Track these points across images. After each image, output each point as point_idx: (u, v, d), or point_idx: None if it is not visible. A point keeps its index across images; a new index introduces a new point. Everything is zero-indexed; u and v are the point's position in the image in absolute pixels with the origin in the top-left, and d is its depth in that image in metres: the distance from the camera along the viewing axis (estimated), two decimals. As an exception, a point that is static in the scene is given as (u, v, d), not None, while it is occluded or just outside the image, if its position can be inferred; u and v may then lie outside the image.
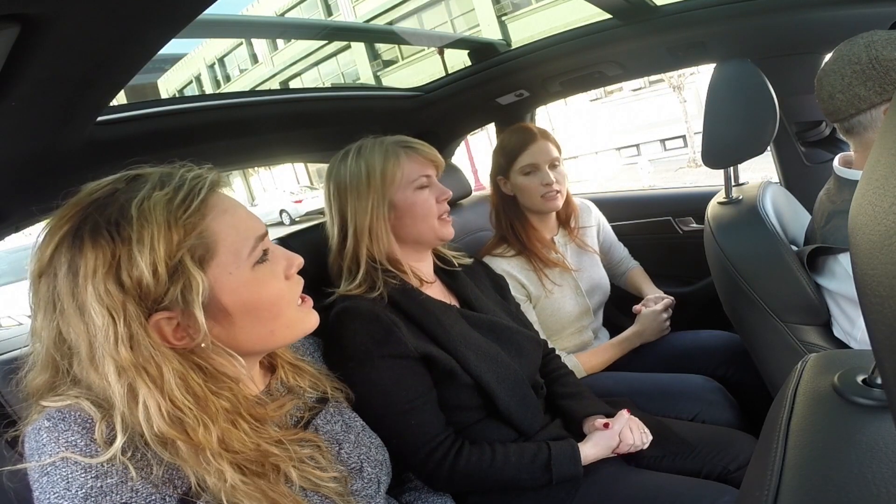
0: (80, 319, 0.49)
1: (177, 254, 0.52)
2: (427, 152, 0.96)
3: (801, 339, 0.96)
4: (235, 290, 0.56)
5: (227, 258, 0.55)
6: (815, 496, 0.31)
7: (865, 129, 0.87)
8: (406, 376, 0.82)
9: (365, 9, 15.24)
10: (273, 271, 0.60)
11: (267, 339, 0.60)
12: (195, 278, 0.52)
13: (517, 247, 1.31)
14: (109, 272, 0.49)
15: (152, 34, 0.58)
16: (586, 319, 1.36)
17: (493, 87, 1.63)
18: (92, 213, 0.51)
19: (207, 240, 0.54)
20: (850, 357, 0.43)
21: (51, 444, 0.47)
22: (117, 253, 0.50)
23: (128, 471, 0.48)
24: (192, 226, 0.53)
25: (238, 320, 0.56)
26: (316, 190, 16.75)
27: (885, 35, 0.83)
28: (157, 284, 0.51)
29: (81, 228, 0.50)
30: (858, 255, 0.24)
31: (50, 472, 0.47)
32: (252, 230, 0.58)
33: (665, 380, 1.17)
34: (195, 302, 0.52)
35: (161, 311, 0.52)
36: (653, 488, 0.83)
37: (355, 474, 0.66)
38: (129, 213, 0.51)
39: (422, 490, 0.84)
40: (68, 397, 0.50)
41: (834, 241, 0.89)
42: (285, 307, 0.61)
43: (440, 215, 0.96)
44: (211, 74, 20.82)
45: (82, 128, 0.77)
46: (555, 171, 1.29)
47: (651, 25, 1.29)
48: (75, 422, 0.49)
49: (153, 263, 0.50)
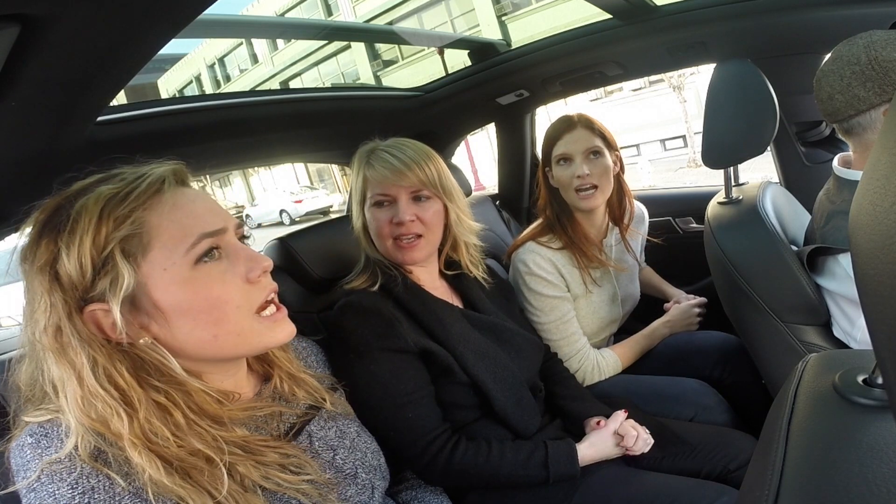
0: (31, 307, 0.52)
1: (106, 246, 0.51)
2: (390, 166, 0.88)
3: (801, 339, 0.96)
4: (168, 287, 0.53)
5: (161, 253, 0.53)
6: (815, 496, 0.31)
7: (864, 130, 0.87)
8: (404, 370, 0.83)
9: (365, 9, 15.23)
10: (223, 272, 0.56)
11: (210, 344, 0.56)
12: (121, 272, 0.51)
13: (564, 240, 1.22)
14: (47, 264, 0.51)
15: (152, 34, 0.58)
16: (611, 328, 1.34)
17: (493, 87, 1.63)
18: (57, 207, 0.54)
19: (142, 233, 0.53)
20: (850, 357, 0.43)
21: (34, 461, 0.48)
22: (57, 245, 0.51)
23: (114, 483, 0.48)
24: (123, 218, 0.52)
25: (173, 320, 0.54)
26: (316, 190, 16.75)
27: (885, 35, 0.83)
28: (83, 277, 0.51)
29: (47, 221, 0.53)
30: (859, 255, 0.24)
31: (37, 488, 0.47)
32: (198, 226, 0.55)
33: (661, 382, 1.17)
34: (116, 296, 0.51)
35: (95, 302, 0.52)
36: (652, 488, 0.84)
37: (349, 480, 0.66)
38: (71, 208, 0.52)
39: (419, 489, 0.85)
40: (48, 411, 0.51)
41: (833, 241, 0.89)
42: (232, 312, 0.55)
43: (393, 237, 0.90)
44: (211, 74, 20.81)
45: (82, 128, 0.77)
46: (592, 162, 1.17)
47: (651, 25, 1.29)
48: (57, 437, 0.49)
49: (79, 256, 0.51)
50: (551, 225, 1.25)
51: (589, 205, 1.19)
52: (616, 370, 1.22)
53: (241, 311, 0.56)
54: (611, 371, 1.21)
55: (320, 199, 14.98)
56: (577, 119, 1.21)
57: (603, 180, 1.18)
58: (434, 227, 0.92)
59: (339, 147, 1.65)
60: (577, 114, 1.24)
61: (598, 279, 1.25)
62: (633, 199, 1.30)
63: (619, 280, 1.31)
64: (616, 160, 1.22)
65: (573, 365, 1.18)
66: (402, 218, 0.88)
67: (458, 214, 0.96)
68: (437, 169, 0.91)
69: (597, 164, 1.17)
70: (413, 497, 0.83)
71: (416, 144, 0.94)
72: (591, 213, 1.24)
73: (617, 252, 1.32)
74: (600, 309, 1.27)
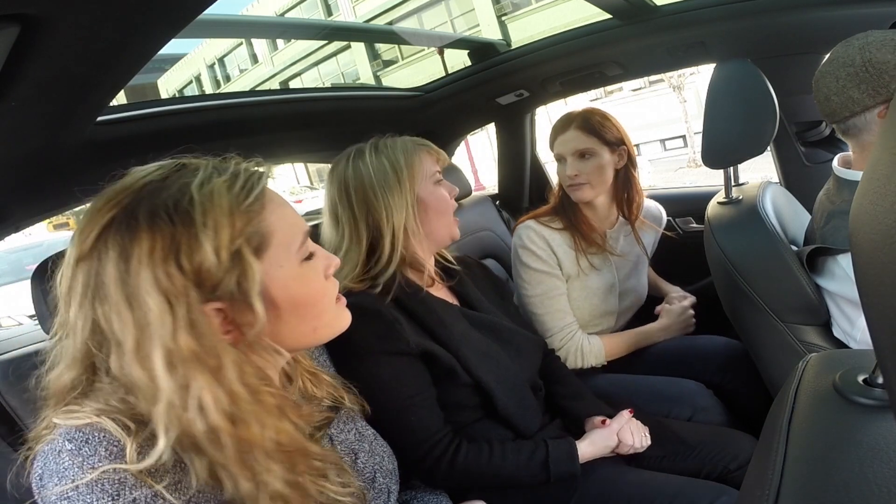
0: (128, 307, 0.45)
1: (236, 241, 0.49)
2: (435, 148, 0.96)
3: (801, 340, 0.96)
4: (285, 284, 0.54)
5: (278, 251, 0.54)
6: (815, 496, 0.31)
7: (861, 132, 0.87)
8: (406, 373, 0.83)
9: (365, 9, 15.23)
10: (316, 269, 0.59)
11: (309, 336, 0.59)
12: (251, 267, 0.50)
13: (565, 222, 1.27)
14: (169, 256, 0.46)
15: (152, 34, 0.58)
16: (607, 322, 1.32)
17: (493, 87, 1.63)
18: (146, 195, 0.48)
19: (263, 231, 0.53)
20: (850, 357, 0.43)
21: (74, 469, 0.43)
22: (178, 236, 0.47)
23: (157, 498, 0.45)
24: (254, 214, 0.52)
25: (285, 315, 0.55)
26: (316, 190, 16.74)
27: (881, 36, 0.82)
28: (218, 270, 0.48)
29: (136, 210, 0.47)
30: (859, 255, 0.24)
31: (72, 496, 0.43)
32: (301, 226, 0.58)
33: (660, 383, 1.17)
34: (252, 290, 0.50)
35: (215, 300, 0.49)
36: (652, 487, 0.84)
37: (368, 484, 0.65)
38: (192, 196, 0.49)
39: (418, 489, 0.85)
40: (86, 415, 0.46)
41: (833, 241, 0.89)
42: (327, 305, 0.60)
43: (453, 211, 0.95)
44: (211, 74, 20.81)
45: (82, 128, 0.77)
46: (582, 162, 1.21)
47: (651, 25, 1.29)
48: (100, 444, 0.44)
49: (216, 248, 0.48)
50: (556, 208, 1.29)
51: (577, 197, 1.24)
52: (599, 361, 1.22)
53: (332, 303, 0.61)
54: (593, 360, 1.21)
55: (320, 199, 14.93)
56: (574, 118, 1.23)
57: (594, 178, 1.21)
58: None
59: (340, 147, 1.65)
60: (578, 111, 1.25)
61: (596, 265, 1.27)
62: (641, 192, 1.31)
63: (621, 272, 1.31)
64: (622, 156, 1.24)
65: (555, 342, 1.19)
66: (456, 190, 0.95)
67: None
68: None
69: (587, 164, 1.21)
70: (412, 497, 0.83)
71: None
72: (594, 205, 1.27)
73: (624, 245, 1.32)
74: (594, 295, 1.27)
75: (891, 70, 0.80)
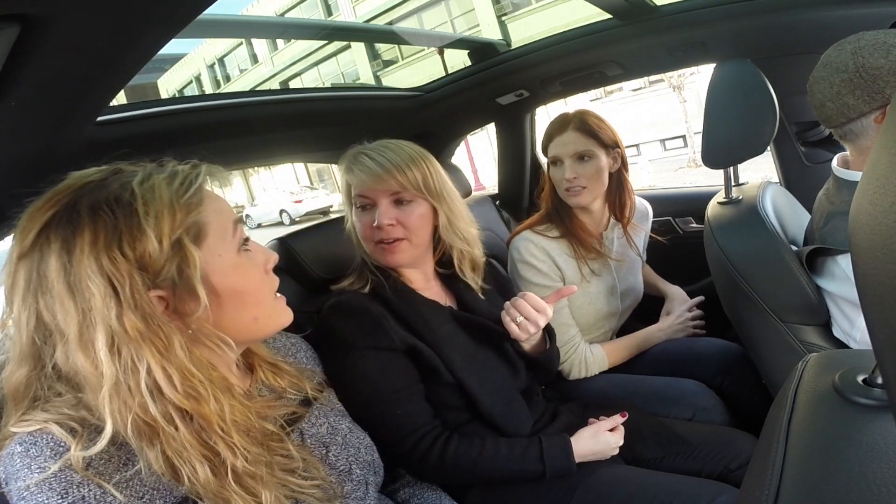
0: (71, 296, 0.48)
1: (177, 231, 0.52)
2: (369, 170, 0.87)
3: (801, 339, 0.96)
4: (224, 271, 0.57)
5: (216, 241, 0.57)
6: (815, 496, 0.31)
7: (858, 137, 0.87)
8: (392, 367, 0.84)
9: (365, 9, 15.23)
10: (254, 261, 0.61)
11: (251, 326, 0.61)
12: (192, 255, 0.52)
13: (561, 230, 1.24)
14: (112, 244, 0.49)
15: (152, 34, 0.58)
16: (610, 323, 1.33)
17: (493, 87, 1.63)
18: (86, 193, 0.51)
19: (200, 222, 0.55)
20: (850, 357, 0.43)
21: (24, 470, 0.46)
22: (120, 226, 0.49)
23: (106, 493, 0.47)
24: (193, 206, 0.54)
25: (225, 303, 0.57)
26: (316, 190, 16.74)
27: (873, 40, 0.81)
28: (160, 258, 0.51)
29: (77, 206, 0.50)
30: (859, 255, 0.24)
31: (26, 497, 0.46)
32: (231, 216, 0.60)
33: (660, 383, 1.17)
34: (193, 276, 0.52)
35: (155, 289, 0.51)
36: (652, 486, 0.84)
37: (344, 476, 0.67)
38: (133, 191, 0.51)
39: (417, 486, 0.85)
40: (36, 422, 0.49)
41: (833, 242, 0.89)
42: (266, 296, 0.62)
43: (375, 241, 0.90)
44: (211, 74, 20.81)
45: (82, 128, 0.77)
46: (580, 165, 1.18)
47: (651, 25, 1.29)
48: (47, 445, 0.47)
49: (158, 236, 0.50)
50: (550, 215, 1.27)
51: (574, 202, 1.22)
52: (601, 368, 1.23)
53: (271, 295, 0.63)
54: (596, 369, 1.22)
55: (320, 199, 14.98)
56: (570, 119, 1.21)
57: (592, 181, 1.18)
58: (418, 231, 0.91)
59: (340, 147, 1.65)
60: (573, 112, 1.23)
61: (596, 270, 1.26)
62: (633, 195, 1.30)
63: (619, 273, 1.31)
64: (616, 158, 1.22)
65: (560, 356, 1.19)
66: (380, 222, 0.88)
67: (449, 217, 0.93)
68: (422, 171, 0.89)
69: (586, 166, 1.18)
70: (412, 495, 0.83)
71: (401, 146, 0.91)
72: (589, 209, 1.25)
73: (619, 246, 1.32)
74: (597, 300, 1.27)
75: (884, 75, 0.79)
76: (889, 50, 0.79)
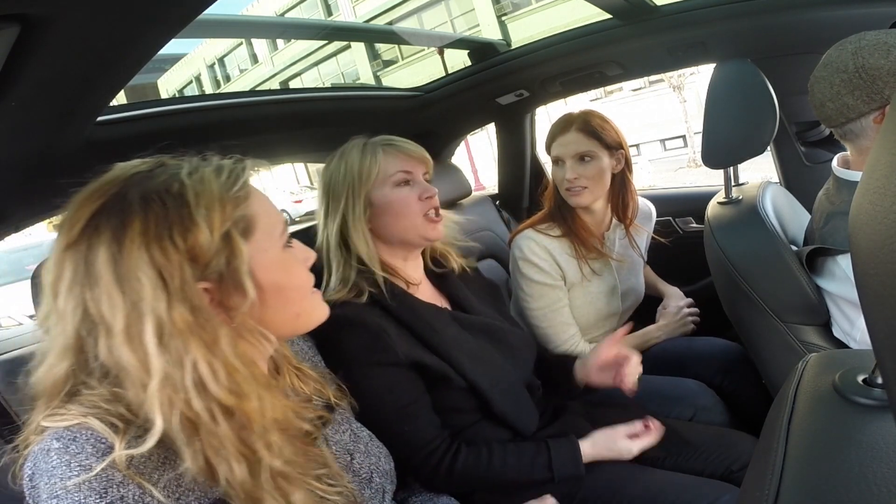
0: (119, 288, 0.46)
1: (226, 223, 0.52)
2: (409, 149, 0.92)
3: (801, 339, 0.96)
4: (269, 267, 0.56)
5: (262, 236, 0.57)
6: (815, 496, 0.31)
7: (857, 137, 0.87)
8: (396, 383, 0.82)
9: (365, 9, 15.23)
10: (297, 257, 0.62)
11: (292, 322, 0.61)
12: (240, 248, 0.52)
13: (563, 229, 1.24)
14: (163, 234, 0.48)
15: (152, 34, 0.58)
16: (611, 323, 1.33)
17: (493, 87, 1.63)
18: (135, 183, 0.50)
19: (249, 216, 0.55)
20: (850, 357, 0.43)
21: (62, 468, 0.44)
22: (171, 216, 0.49)
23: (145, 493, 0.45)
24: (241, 200, 0.55)
25: (269, 299, 0.56)
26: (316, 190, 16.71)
27: (873, 40, 0.81)
28: (210, 249, 0.50)
29: (127, 195, 0.49)
30: (859, 255, 0.24)
31: (60, 495, 0.43)
32: (280, 216, 0.61)
33: (660, 382, 1.17)
34: (241, 269, 0.52)
35: (202, 280, 0.50)
36: (656, 485, 0.84)
37: (364, 484, 0.66)
38: (183, 182, 0.51)
39: (421, 492, 0.84)
40: (73, 416, 0.46)
41: (833, 242, 0.89)
42: (308, 292, 0.62)
43: (424, 213, 0.91)
44: (211, 74, 20.80)
45: (82, 128, 0.77)
46: (582, 165, 1.18)
47: (651, 25, 1.29)
48: (87, 442, 0.45)
49: (210, 228, 0.50)
50: (552, 214, 1.27)
51: (575, 202, 1.21)
52: None
53: (311, 291, 0.63)
54: None
55: (320, 199, 14.94)
56: (574, 120, 1.20)
57: (594, 182, 1.18)
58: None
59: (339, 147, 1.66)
60: (578, 113, 1.23)
61: (597, 270, 1.26)
62: (636, 196, 1.30)
63: (620, 273, 1.31)
64: (619, 160, 1.22)
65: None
66: (432, 191, 0.91)
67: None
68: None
69: (588, 167, 1.18)
70: (422, 501, 0.82)
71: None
72: (591, 209, 1.25)
73: (620, 246, 1.32)
74: (598, 300, 1.27)
75: (884, 76, 0.79)
76: (889, 50, 0.79)
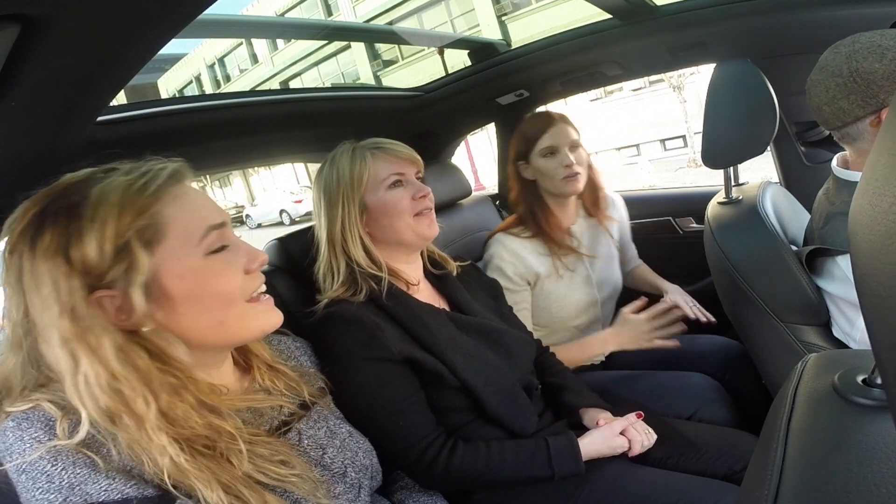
0: (37, 292, 0.52)
1: (125, 234, 0.54)
2: (398, 151, 0.95)
3: (801, 340, 0.96)
4: (182, 275, 0.57)
5: (176, 243, 0.57)
6: (815, 496, 0.31)
7: (855, 140, 0.87)
8: (391, 379, 0.82)
9: (365, 9, 15.23)
10: (230, 263, 0.60)
11: (216, 330, 0.60)
12: (139, 259, 0.54)
13: (534, 229, 1.30)
14: (60, 248, 0.52)
15: (152, 34, 0.58)
16: (593, 311, 1.35)
17: (493, 87, 1.63)
18: (58, 196, 0.54)
19: (158, 223, 0.56)
20: (850, 357, 0.43)
21: (17, 443, 0.49)
22: (69, 231, 0.52)
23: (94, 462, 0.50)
24: (144, 208, 0.55)
25: (181, 307, 0.57)
26: (316, 190, 16.68)
27: (867, 43, 0.81)
28: (102, 262, 0.53)
29: (46, 209, 0.54)
30: (858, 256, 0.24)
31: (27, 469, 0.48)
32: (206, 219, 0.59)
33: (662, 377, 1.17)
34: (134, 281, 0.53)
35: (102, 288, 0.53)
36: (658, 485, 0.83)
37: (338, 478, 0.67)
38: (88, 196, 0.54)
39: (412, 489, 0.84)
40: (29, 401, 0.52)
41: (832, 242, 0.89)
42: (237, 299, 0.61)
43: (417, 212, 0.93)
44: (211, 74, 20.81)
45: (82, 128, 0.77)
46: (575, 153, 1.26)
47: (651, 25, 1.29)
48: (38, 419, 0.51)
49: (100, 241, 0.52)
50: (523, 217, 1.33)
51: (573, 189, 1.26)
52: None
53: (245, 298, 0.62)
54: None
55: (320, 199, 14.93)
56: (556, 115, 1.30)
57: (584, 169, 1.29)
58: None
59: (339, 147, 1.66)
60: (552, 112, 1.33)
61: (570, 265, 1.32)
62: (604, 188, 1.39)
63: (593, 264, 1.35)
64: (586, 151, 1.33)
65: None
66: (425, 190, 0.94)
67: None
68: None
69: (580, 154, 1.28)
70: (407, 497, 0.83)
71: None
72: (566, 201, 1.32)
73: (589, 238, 1.37)
74: (575, 292, 1.31)
75: (878, 80, 0.79)
76: (884, 54, 0.78)
